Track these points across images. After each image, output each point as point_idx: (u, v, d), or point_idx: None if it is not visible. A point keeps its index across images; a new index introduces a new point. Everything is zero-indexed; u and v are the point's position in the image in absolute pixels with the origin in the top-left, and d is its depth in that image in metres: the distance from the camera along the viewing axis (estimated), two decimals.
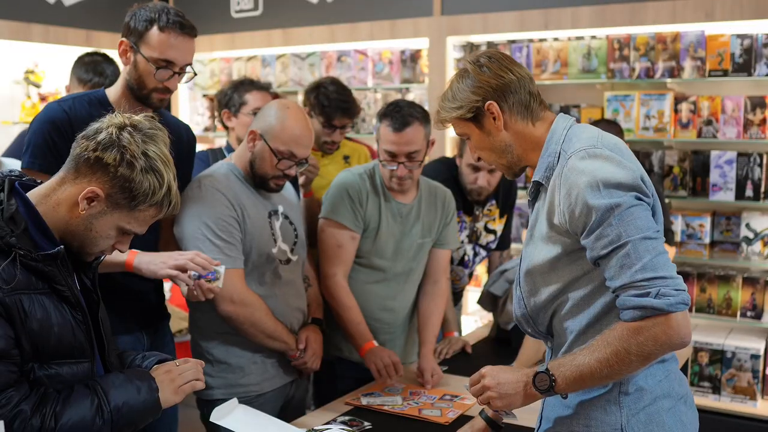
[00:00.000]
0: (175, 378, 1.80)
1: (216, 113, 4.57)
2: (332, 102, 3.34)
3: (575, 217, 1.65)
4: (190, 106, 5.68)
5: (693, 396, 1.86)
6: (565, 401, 1.80)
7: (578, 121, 1.94)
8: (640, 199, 1.63)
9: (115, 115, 1.74)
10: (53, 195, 1.69)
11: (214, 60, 5.64)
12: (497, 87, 1.78)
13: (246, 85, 3.49)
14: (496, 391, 1.76)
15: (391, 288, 2.92)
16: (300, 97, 4.53)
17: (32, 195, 1.69)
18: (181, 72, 2.39)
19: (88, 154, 1.67)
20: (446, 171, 3.32)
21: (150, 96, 2.38)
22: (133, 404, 1.70)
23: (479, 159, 3.07)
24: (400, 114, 2.73)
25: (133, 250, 2.31)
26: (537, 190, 1.83)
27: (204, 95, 5.59)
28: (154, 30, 2.32)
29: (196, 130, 5.35)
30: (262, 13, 5.40)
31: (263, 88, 3.52)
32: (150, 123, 1.74)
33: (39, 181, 1.76)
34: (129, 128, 1.69)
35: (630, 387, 1.72)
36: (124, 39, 2.37)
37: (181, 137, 2.64)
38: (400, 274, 2.92)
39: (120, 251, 1.78)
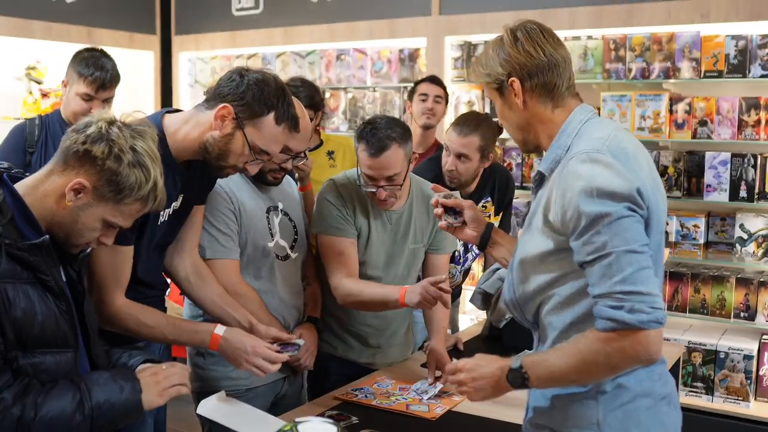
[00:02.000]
0: (161, 381, 1.81)
1: None
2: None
3: (566, 219, 1.66)
4: (191, 103, 5.71)
5: (678, 397, 1.86)
6: (545, 393, 1.82)
7: None
8: (633, 210, 1.62)
9: (106, 110, 1.78)
10: (41, 186, 1.72)
11: (215, 58, 5.67)
12: (523, 65, 1.78)
13: None
14: (472, 386, 1.80)
15: None
16: None
17: (20, 186, 1.72)
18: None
19: (77, 147, 1.70)
20: (436, 168, 3.33)
21: (223, 169, 2.19)
22: (115, 403, 1.71)
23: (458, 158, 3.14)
24: (376, 137, 2.57)
25: (218, 325, 2.25)
26: (541, 180, 1.83)
27: (204, 93, 5.61)
28: (270, 118, 2.13)
29: None
30: (262, 11, 5.44)
31: None
32: (140, 120, 1.78)
33: (26, 174, 1.79)
34: (118, 123, 1.73)
35: (608, 385, 1.72)
36: (228, 105, 2.10)
37: None
38: (392, 283, 2.82)
39: (104, 244, 1.81)
